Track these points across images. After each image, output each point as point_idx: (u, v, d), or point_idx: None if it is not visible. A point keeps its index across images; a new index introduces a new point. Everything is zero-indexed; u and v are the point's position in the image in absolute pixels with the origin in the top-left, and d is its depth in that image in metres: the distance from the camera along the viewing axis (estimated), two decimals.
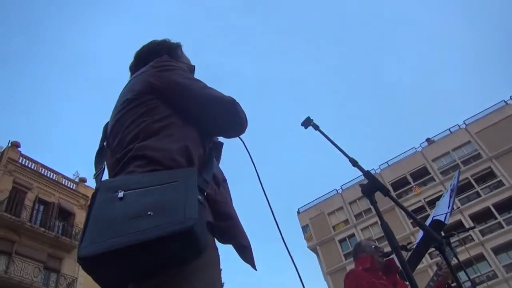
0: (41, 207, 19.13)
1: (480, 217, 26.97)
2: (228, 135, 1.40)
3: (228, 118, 1.31)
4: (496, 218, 26.40)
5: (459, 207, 26.61)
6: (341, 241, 31.75)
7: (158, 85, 1.26)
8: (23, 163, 19.47)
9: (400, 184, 31.49)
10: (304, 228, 34.23)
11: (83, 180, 22.36)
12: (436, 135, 32.80)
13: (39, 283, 16.73)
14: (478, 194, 27.79)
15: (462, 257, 18.84)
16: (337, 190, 34.82)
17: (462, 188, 27.37)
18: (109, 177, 1.19)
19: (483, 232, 26.18)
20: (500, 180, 27.41)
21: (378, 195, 1.70)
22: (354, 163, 1.83)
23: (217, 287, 1.03)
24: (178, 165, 1.09)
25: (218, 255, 1.09)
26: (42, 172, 20.15)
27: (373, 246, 3.05)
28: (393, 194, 2.00)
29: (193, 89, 1.28)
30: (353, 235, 31.16)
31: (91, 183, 24.65)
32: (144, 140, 1.15)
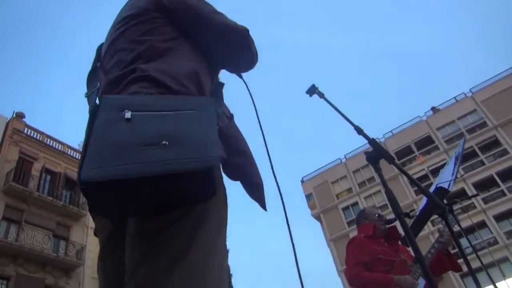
0: (48, 177, 19.37)
1: (484, 185, 27.13)
2: (238, 69, 1.31)
3: (241, 49, 1.22)
4: (499, 186, 26.55)
5: (462, 175, 26.72)
6: (344, 209, 32.16)
7: (167, 4, 1.13)
8: (28, 133, 19.57)
9: (404, 153, 31.52)
10: (308, 197, 34.61)
11: None
12: (442, 103, 32.54)
13: (49, 250, 17.18)
14: (482, 163, 27.82)
15: (464, 224, 19.06)
16: (340, 159, 34.95)
17: (466, 157, 27.38)
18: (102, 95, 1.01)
19: (485, 200, 26.40)
20: (505, 149, 27.37)
21: (382, 164, 1.70)
22: (359, 131, 1.81)
23: (225, 228, 0.96)
24: (188, 92, 1.00)
25: (226, 193, 1.00)
26: (48, 143, 20.29)
27: (376, 215, 3.09)
28: (397, 162, 2.01)
29: (205, 13, 1.17)
30: (356, 203, 31.51)
31: None
32: (149, 61, 1.04)
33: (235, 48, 1.21)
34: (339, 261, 29.29)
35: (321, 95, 2.01)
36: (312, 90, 2.02)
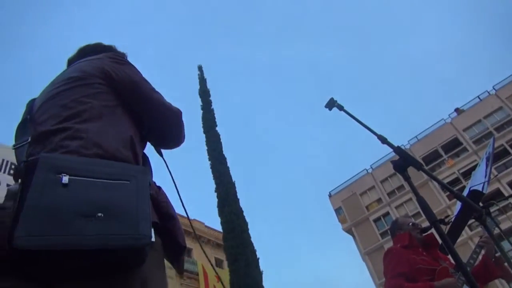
0: None
1: None
2: (166, 144, 1.38)
3: (171, 127, 1.32)
4: None
5: (496, 175, 25.82)
6: (376, 220, 31.43)
7: (113, 76, 1.20)
8: None
9: (432, 157, 30.80)
10: (337, 211, 34.04)
11: None
12: (465, 103, 31.83)
13: None
14: None
15: (504, 226, 18.32)
16: (367, 170, 34.39)
17: (497, 156, 26.51)
18: (33, 151, 1.01)
19: None
20: None
21: (410, 171, 1.66)
22: (383, 140, 1.79)
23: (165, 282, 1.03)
24: (124, 158, 1.03)
25: (163, 257, 1.06)
26: None
27: (410, 224, 3.01)
28: (426, 168, 1.97)
29: (144, 89, 1.26)
30: (387, 213, 30.79)
31: None
32: (87, 121, 1.06)
33: (168, 126, 1.31)
34: (376, 275, 28.44)
35: (341, 108, 2.00)
36: (331, 104, 2.02)
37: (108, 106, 1.14)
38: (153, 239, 0.87)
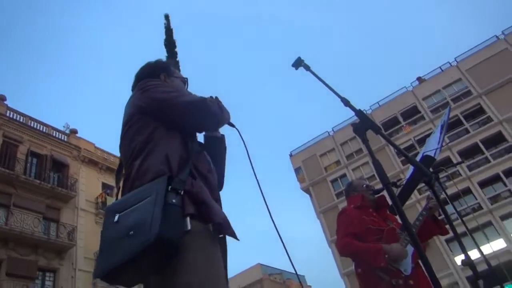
0: (34, 160, 19.13)
1: (468, 152, 27.60)
2: (206, 129, 1.68)
3: (200, 116, 1.54)
4: (483, 153, 27.06)
5: (448, 143, 27.13)
6: (333, 181, 32.55)
7: (143, 106, 1.53)
8: (11, 116, 19.17)
9: (391, 123, 31.77)
10: (297, 170, 34.89)
11: (74, 132, 22.20)
12: (428, 73, 32.64)
13: (40, 232, 17.15)
14: (467, 131, 28.23)
15: (450, 191, 19.47)
16: (328, 132, 35.13)
17: (451, 126, 27.72)
18: (129, 182, 1.43)
19: (470, 167, 26.94)
20: (489, 116, 27.77)
21: (369, 135, 1.70)
22: (346, 102, 1.80)
23: (217, 257, 1.31)
24: (163, 173, 1.32)
25: (206, 233, 1.31)
26: (32, 125, 19.93)
27: (364, 185, 3.12)
28: (384, 133, 2.03)
29: (169, 100, 1.53)
30: (344, 175, 31.90)
31: (82, 134, 24.56)
32: (138, 157, 1.42)
33: (196, 117, 1.54)
34: (328, 232, 29.85)
35: (307, 68, 1.97)
36: (298, 63, 1.98)
37: (149, 135, 1.46)
38: (188, 227, 1.22)
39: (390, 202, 2.15)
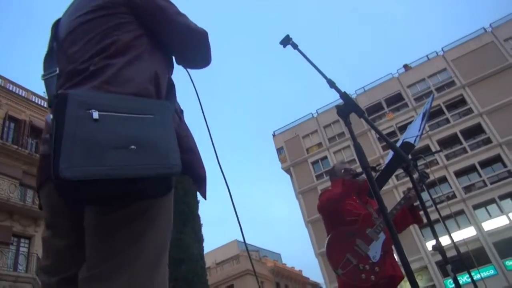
0: (12, 125, 18.69)
1: (447, 142, 28.21)
2: (193, 66, 1.42)
3: (199, 50, 1.33)
4: (461, 144, 27.67)
5: (427, 131, 27.60)
6: (314, 163, 32.89)
7: (137, 1, 1.18)
8: None
9: (375, 109, 32.06)
10: (279, 150, 35.07)
11: None
12: (414, 61, 32.85)
13: (16, 198, 16.92)
14: (447, 121, 28.74)
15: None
16: (312, 114, 35.25)
17: (433, 115, 28.17)
18: (63, 85, 1.10)
19: (448, 157, 27.57)
20: (470, 108, 28.27)
21: (352, 119, 1.70)
22: (332, 84, 1.79)
23: (170, 227, 1.09)
24: (148, 94, 1.07)
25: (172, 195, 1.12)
26: (10, 88, 19.36)
27: (342, 170, 3.14)
28: (367, 117, 2.03)
29: (170, 14, 1.24)
30: (325, 157, 32.25)
31: None
32: (114, 57, 1.09)
33: (194, 48, 1.32)
34: (306, 213, 30.35)
35: (295, 46, 1.95)
36: (286, 41, 1.96)
37: (133, 38, 1.15)
38: (180, 163, 0.95)
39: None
